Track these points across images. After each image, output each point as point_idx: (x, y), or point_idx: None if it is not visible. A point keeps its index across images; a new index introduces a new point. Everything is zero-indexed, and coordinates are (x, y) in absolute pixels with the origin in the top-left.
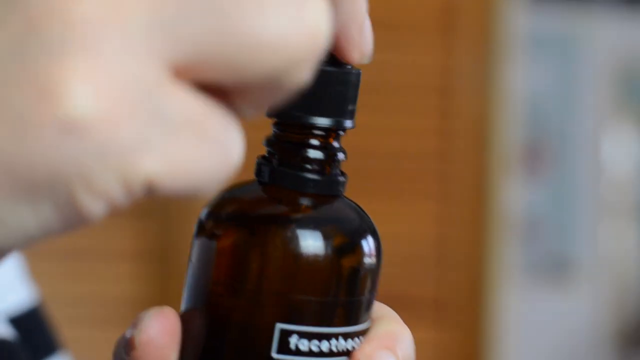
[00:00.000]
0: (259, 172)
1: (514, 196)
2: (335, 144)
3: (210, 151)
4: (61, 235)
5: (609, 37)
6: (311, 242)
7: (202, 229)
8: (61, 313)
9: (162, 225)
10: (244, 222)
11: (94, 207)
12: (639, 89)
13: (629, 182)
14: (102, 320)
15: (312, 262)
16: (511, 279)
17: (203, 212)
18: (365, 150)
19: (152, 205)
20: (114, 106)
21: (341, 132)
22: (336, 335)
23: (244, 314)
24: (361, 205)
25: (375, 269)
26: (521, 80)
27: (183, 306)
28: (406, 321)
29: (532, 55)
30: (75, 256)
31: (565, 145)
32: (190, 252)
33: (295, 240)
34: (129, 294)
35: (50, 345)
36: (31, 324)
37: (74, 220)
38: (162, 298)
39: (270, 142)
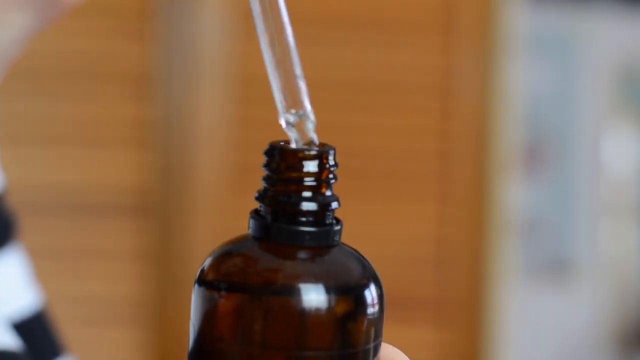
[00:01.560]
0: (253, 228)
1: (514, 196)
2: (328, 193)
3: None
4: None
5: (609, 37)
6: (313, 297)
7: (203, 282)
8: (61, 313)
9: (162, 225)
10: (243, 282)
11: None
12: (639, 89)
13: (629, 182)
14: (102, 320)
15: (315, 317)
16: (511, 279)
17: (205, 263)
18: (365, 150)
19: (152, 205)
20: None
21: (332, 181)
22: None
23: None
24: (361, 205)
25: (379, 317)
26: (521, 80)
27: (188, 358)
28: (406, 321)
29: (532, 55)
30: (75, 256)
31: (565, 145)
32: (192, 302)
33: (296, 296)
34: (129, 294)
35: (54, 349)
36: (35, 329)
37: (55, 12)
38: (161, 298)
39: (261, 196)
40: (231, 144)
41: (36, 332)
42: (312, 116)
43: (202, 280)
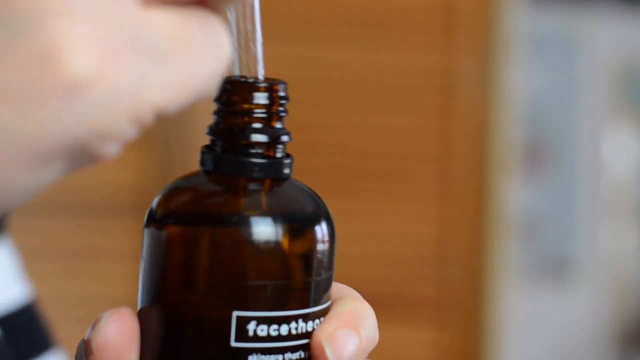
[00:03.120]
0: (203, 161)
1: (514, 196)
2: (279, 125)
3: (202, 58)
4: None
5: (609, 37)
6: (261, 229)
7: (151, 220)
8: (61, 313)
9: None
10: (191, 214)
11: (109, 150)
12: (639, 89)
13: (629, 182)
14: None
15: (263, 248)
16: (511, 279)
17: (153, 202)
18: (365, 150)
19: None
20: (106, 54)
21: (283, 114)
22: (295, 318)
23: (200, 306)
24: (361, 205)
25: (329, 252)
26: (521, 80)
27: (139, 304)
28: (406, 321)
29: (532, 55)
30: (75, 256)
31: (565, 145)
32: (142, 245)
33: (244, 227)
34: (129, 294)
35: (43, 343)
36: (21, 323)
37: (87, 165)
38: None
39: (212, 130)
40: None
41: (24, 326)
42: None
43: (151, 219)
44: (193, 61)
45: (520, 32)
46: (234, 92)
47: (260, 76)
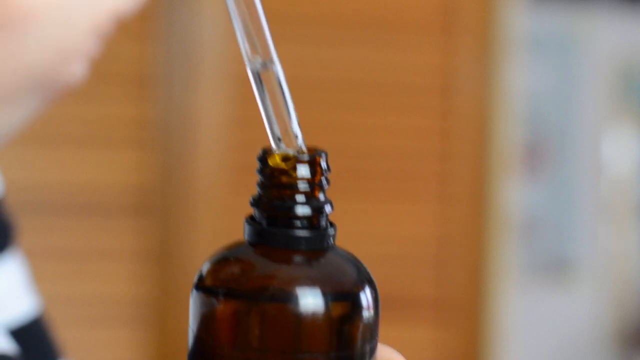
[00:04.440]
0: (248, 233)
1: (514, 196)
2: (321, 197)
3: None
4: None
5: (609, 37)
6: (309, 301)
7: (201, 289)
8: (61, 313)
9: (162, 225)
10: (240, 287)
11: (76, 71)
12: (639, 89)
13: (629, 182)
14: (102, 320)
15: (311, 320)
16: (511, 279)
17: (203, 269)
18: (365, 150)
19: (152, 205)
20: None
21: (325, 185)
22: None
23: None
24: (361, 205)
25: (374, 319)
26: (521, 80)
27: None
28: (406, 321)
29: (532, 55)
30: (75, 256)
31: (565, 145)
32: (191, 307)
33: (292, 300)
34: (129, 294)
35: (52, 355)
36: (33, 335)
37: (59, 93)
38: (161, 298)
39: (256, 202)
40: (231, 144)
41: (34, 338)
42: (298, 133)
43: (200, 286)
44: None
45: (520, 32)
46: (276, 165)
47: (299, 139)
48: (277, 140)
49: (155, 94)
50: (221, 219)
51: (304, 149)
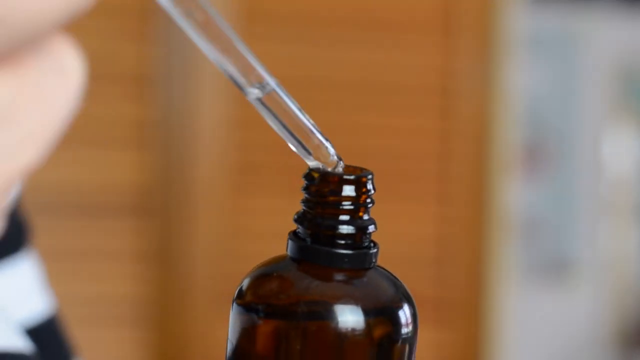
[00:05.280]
0: (291, 249)
1: (514, 196)
2: (366, 217)
3: (45, 106)
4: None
5: (609, 37)
6: (352, 319)
7: (240, 304)
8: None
9: (162, 225)
10: (281, 304)
11: None
12: (639, 89)
13: (629, 182)
14: (102, 320)
15: (353, 339)
16: (511, 279)
17: (243, 283)
18: (365, 150)
19: (152, 205)
20: None
21: (370, 205)
22: None
23: None
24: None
25: (413, 336)
26: (521, 81)
27: None
28: None
29: (532, 55)
30: (75, 256)
31: (565, 145)
32: (231, 320)
33: (335, 319)
34: (129, 294)
35: (66, 354)
36: (48, 335)
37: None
38: (162, 298)
39: (300, 218)
40: (231, 143)
41: (49, 338)
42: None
43: (241, 301)
44: (36, 113)
45: (520, 32)
46: (323, 184)
47: (330, 148)
48: (309, 155)
49: (155, 94)
50: (221, 219)
51: (338, 159)
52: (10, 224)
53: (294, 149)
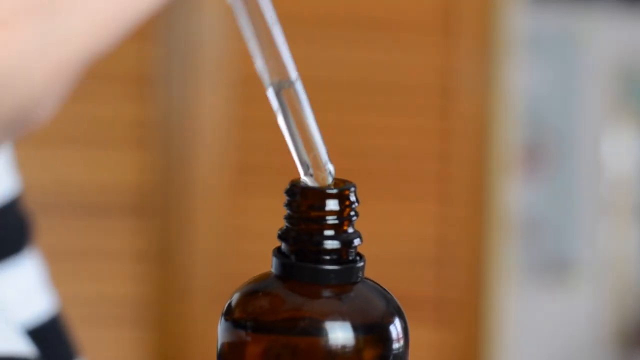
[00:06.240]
0: (277, 267)
1: (514, 196)
2: (350, 230)
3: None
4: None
5: (609, 37)
6: (340, 335)
7: (230, 319)
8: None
9: (162, 225)
10: (270, 321)
11: (46, 111)
12: (639, 89)
13: (629, 182)
14: (102, 320)
15: (342, 355)
16: (511, 278)
17: (233, 299)
18: (365, 150)
19: (152, 205)
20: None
21: (354, 218)
22: None
23: None
24: (361, 205)
25: (404, 350)
26: (521, 81)
27: None
28: None
29: (532, 55)
30: (75, 256)
31: (565, 145)
32: (219, 335)
33: (323, 335)
34: (129, 294)
35: (69, 354)
36: (50, 335)
37: (28, 129)
38: (162, 298)
39: (283, 235)
40: (231, 144)
41: (51, 338)
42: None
43: (229, 317)
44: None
45: (520, 32)
46: (304, 199)
47: (330, 170)
48: (306, 167)
49: (155, 94)
50: (221, 219)
51: (331, 180)
52: (13, 224)
53: (295, 158)
